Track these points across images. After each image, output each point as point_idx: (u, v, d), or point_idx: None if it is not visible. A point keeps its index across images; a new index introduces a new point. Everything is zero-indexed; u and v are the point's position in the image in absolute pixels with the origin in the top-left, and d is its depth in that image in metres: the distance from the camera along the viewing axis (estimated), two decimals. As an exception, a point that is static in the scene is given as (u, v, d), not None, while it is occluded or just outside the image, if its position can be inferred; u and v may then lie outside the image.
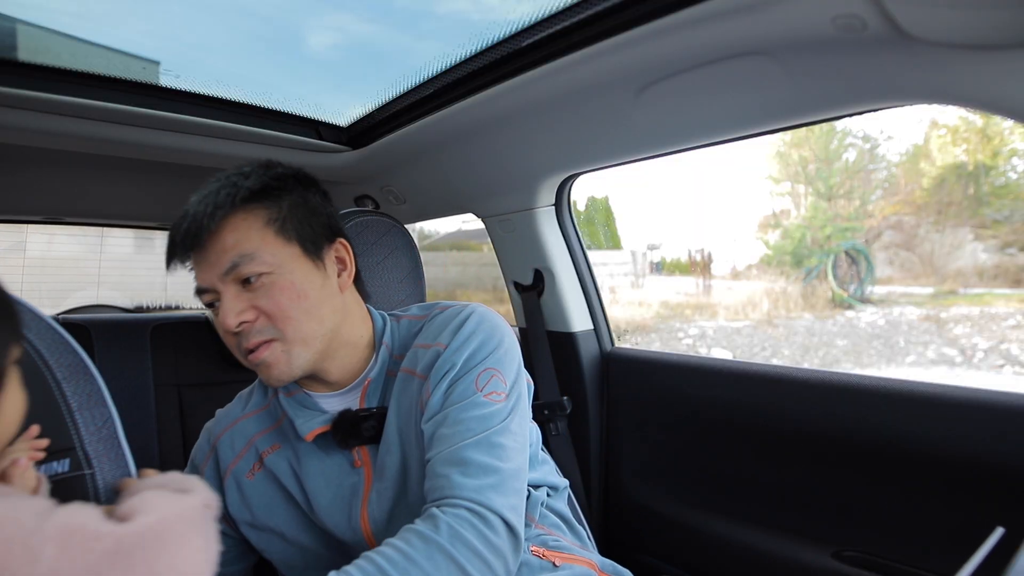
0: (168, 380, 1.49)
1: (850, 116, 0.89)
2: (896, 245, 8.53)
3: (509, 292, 1.61)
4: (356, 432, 0.82)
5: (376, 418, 0.83)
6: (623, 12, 0.83)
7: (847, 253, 8.38)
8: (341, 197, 1.77)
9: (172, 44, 1.16)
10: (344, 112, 1.41)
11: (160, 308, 2.29)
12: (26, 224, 2.02)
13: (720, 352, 7.21)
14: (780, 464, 1.12)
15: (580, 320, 1.49)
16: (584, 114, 1.08)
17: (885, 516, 0.98)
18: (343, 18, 1.12)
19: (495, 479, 0.72)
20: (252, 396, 0.95)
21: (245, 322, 0.76)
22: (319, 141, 1.46)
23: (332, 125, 1.46)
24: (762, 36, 0.77)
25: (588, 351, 1.48)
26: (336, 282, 0.85)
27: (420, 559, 0.63)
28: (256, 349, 0.77)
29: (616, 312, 8.40)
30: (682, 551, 1.27)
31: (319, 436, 0.84)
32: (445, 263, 9.32)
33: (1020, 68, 0.64)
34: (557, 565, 0.83)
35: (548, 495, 0.95)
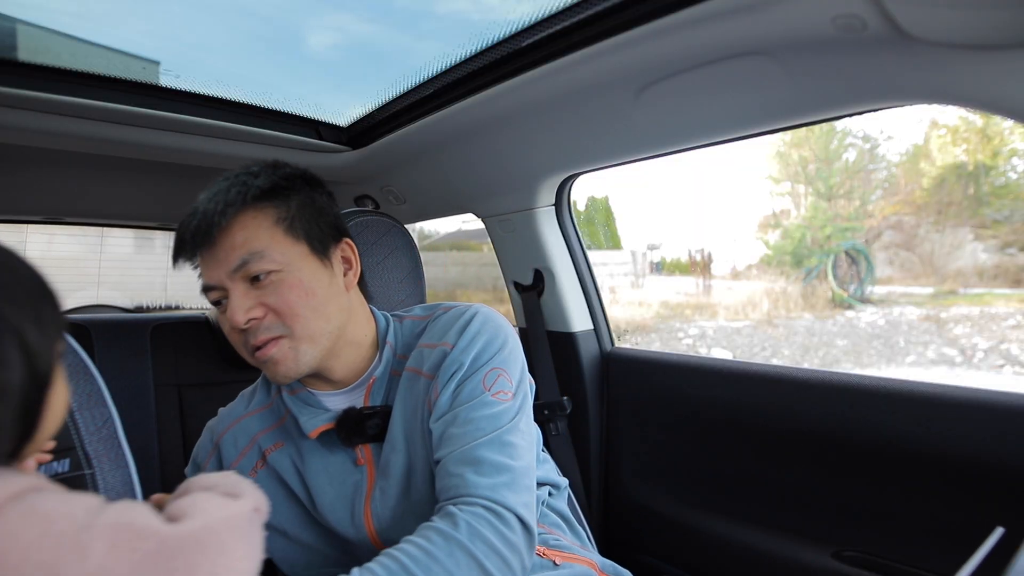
0: (168, 380, 1.49)
1: (850, 116, 0.89)
2: (896, 245, 8.53)
3: (509, 292, 1.61)
4: (360, 430, 0.83)
5: (380, 416, 0.83)
6: (623, 12, 0.83)
7: (847, 253, 8.38)
8: (341, 197, 1.77)
9: (172, 44, 1.16)
10: (344, 112, 1.41)
11: (160, 308, 2.30)
12: (26, 224, 2.01)
13: (720, 352, 7.21)
14: (780, 464, 1.12)
15: (580, 320, 1.49)
16: (584, 114, 1.08)
17: (885, 516, 0.98)
18: (343, 18, 1.12)
19: (508, 477, 0.73)
20: (255, 394, 0.95)
21: (253, 319, 0.77)
22: (319, 141, 1.46)
23: (332, 125, 1.46)
24: (762, 36, 0.77)
25: (588, 351, 1.48)
26: (342, 281, 0.85)
27: (441, 556, 0.64)
28: (263, 346, 0.78)
29: (616, 312, 8.41)
30: (682, 551, 1.27)
31: (323, 434, 0.84)
32: (445, 263, 9.32)
33: (1020, 68, 0.64)
34: (557, 564, 0.84)
35: (550, 494, 0.95)
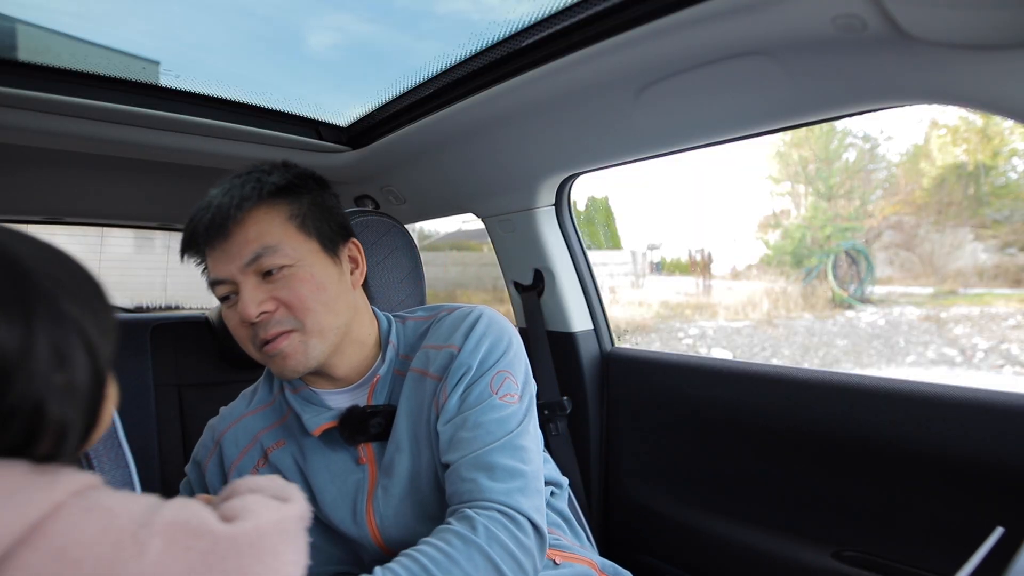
0: (168, 380, 1.49)
1: (850, 116, 0.89)
2: (896, 245, 8.53)
3: (509, 292, 1.61)
4: (363, 428, 0.83)
5: (383, 415, 0.84)
6: (623, 12, 0.83)
7: (847, 253, 8.38)
8: (341, 197, 1.76)
9: (172, 44, 1.16)
10: (344, 112, 1.41)
11: (160, 308, 2.29)
12: (26, 224, 2.01)
13: (720, 352, 7.21)
14: (780, 464, 1.12)
15: (580, 320, 1.49)
16: (584, 114, 1.08)
17: (885, 516, 0.98)
18: (343, 18, 1.12)
19: (521, 483, 0.75)
20: (256, 393, 0.95)
21: (265, 312, 0.77)
22: (319, 141, 1.46)
23: (332, 125, 1.46)
24: (762, 36, 0.77)
25: (588, 351, 1.48)
26: (350, 279, 0.87)
27: (461, 559, 0.65)
28: (273, 340, 0.78)
29: (616, 312, 8.40)
30: (682, 551, 1.27)
31: (325, 432, 0.84)
32: (445, 263, 9.32)
33: (1020, 68, 0.64)
34: (557, 563, 0.84)
35: (552, 494, 0.96)
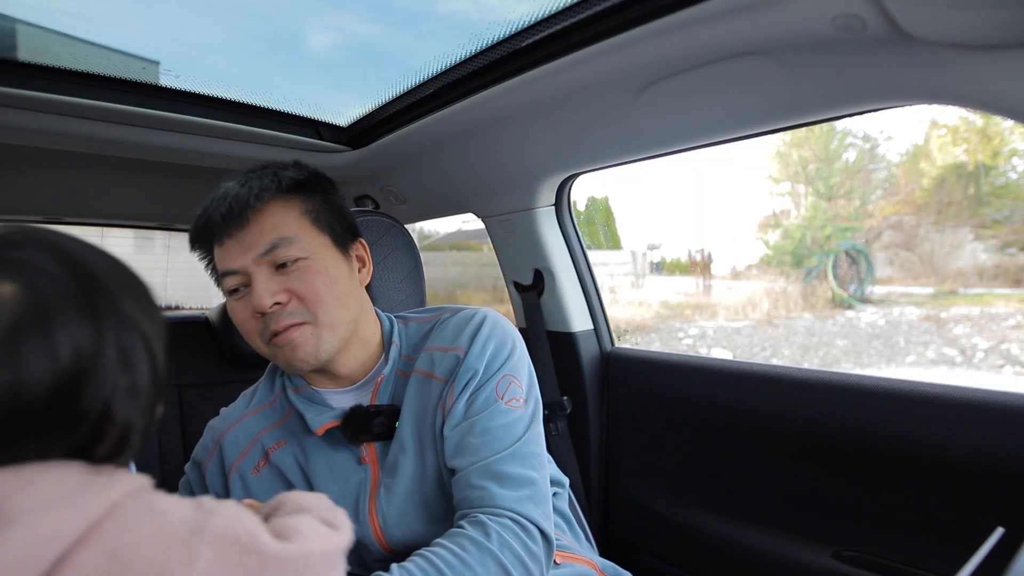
0: (168, 380, 1.49)
1: (850, 116, 0.89)
2: (896, 245, 8.53)
3: (509, 292, 1.61)
4: (367, 428, 0.83)
5: (387, 415, 0.84)
6: (623, 12, 0.83)
7: (847, 253, 8.38)
8: (341, 197, 1.77)
9: (172, 44, 1.16)
10: (344, 112, 1.41)
11: (160, 308, 2.29)
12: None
13: (720, 352, 7.21)
14: (780, 464, 1.12)
15: (580, 320, 1.49)
16: (584, 114, 1.08)
17: (885, 516, 0.98)
18: (343, 18, 1.12)
19: (531, 490, 0.76)
20: (256, 393, 0.95)
21: (278, 303, 0.78)
22: (319, 141, 1.46)
23: (332, 125, 1.46)
24: (762, 36, 0.77)
25: (588, 351, 1.48)
26: (358, 277, 0.88)
27: (474, 564, 0.67)
28: (284, 331, 0.78)
29: (616, 312, 8.41)
30: (682, 551, 1.27)
31: (327, 432, 0.84)
32: (445, 263, 9.32)
33: (1020, 68, 0.64)
34: (558, 563, 0.84)
35: (554, 494, 0.96)
